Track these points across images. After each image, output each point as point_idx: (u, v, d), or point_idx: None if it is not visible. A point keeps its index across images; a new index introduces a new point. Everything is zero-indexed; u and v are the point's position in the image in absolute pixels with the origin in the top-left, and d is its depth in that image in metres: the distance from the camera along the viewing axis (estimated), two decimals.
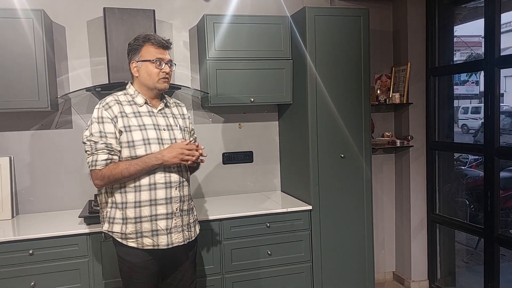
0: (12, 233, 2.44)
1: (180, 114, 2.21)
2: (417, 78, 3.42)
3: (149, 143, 1.99)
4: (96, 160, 1.95)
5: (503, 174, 2.98)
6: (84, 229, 2.42)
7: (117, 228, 2.00)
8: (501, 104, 2.88)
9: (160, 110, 2.10)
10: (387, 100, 3.41)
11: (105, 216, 2.07)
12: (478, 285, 3.12)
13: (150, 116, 2.06)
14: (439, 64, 3.39)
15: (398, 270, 3.67)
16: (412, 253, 3.49)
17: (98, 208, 2.18)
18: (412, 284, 3.50)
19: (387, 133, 3.50)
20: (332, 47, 2.82)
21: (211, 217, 2.63)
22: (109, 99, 2.04)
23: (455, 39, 3.55)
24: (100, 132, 1.96)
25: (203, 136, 3.17)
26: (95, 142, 1.96)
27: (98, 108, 2.01)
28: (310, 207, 2.83)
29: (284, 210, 2.77)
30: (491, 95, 2.84)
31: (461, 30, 3.72)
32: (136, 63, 2.04)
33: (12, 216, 2.75)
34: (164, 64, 2.03)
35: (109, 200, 2.04)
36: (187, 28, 3.12)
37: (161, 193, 1.99)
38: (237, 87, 2.89)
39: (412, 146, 3.42)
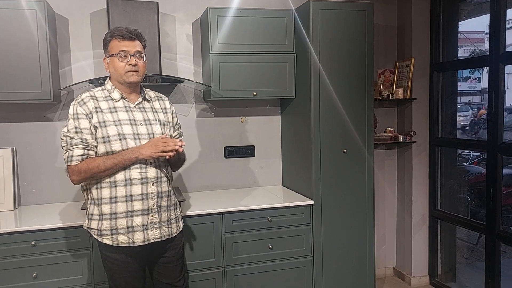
0: (14, 224, 2.45)
1: (161, 108, 2.16)
2: (420, 74, 3.40)
3: (125, 138, 1.97)
4: (72, 156, 1.93)
5: (505, 171, 2.97)
6: None
7: (94, 224, 2.00)
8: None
9: (137, 104, 2.07)
10: (390, 95, 3.40)
11: (86, 212, 2.08)
12: (478, 281, 3.13)
13: (127, 111, 2.03)
14: (443, 59, 3.38)
15: (399, 265, 3.68)
16: (413, 248, 3.50)
17: None
18: (413, 280, 3.51)
19: (389, 129, 3.49)
20: (336, 42, 2.80)
21: (212, 211, 2.63)
22: (84, 95, 2.03)
23: (458, 35, 3.53)
24: (76, 128, 1.95)
25: (205, 129, 3.17)
26: (71, 138, 1.95)
27: (74, 104, 1.99)
28: (311, 202, 2.83)
29: (286, 204, 2.77)
30: (495, 91, 2.83)
31: (464, 26, 3.70)
32: (107, 58, 2.03)
33: (15, 208, 2.76)
34: (130, 57, 1.97)
35: (88, 196, 2.04)
36: (191, 21, 3.10)
37: (137, 189, 1.97)
38: (240, 81, 2.88)
39: (415, 141, 3.41)
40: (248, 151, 3.28)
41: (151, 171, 2.01)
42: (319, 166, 2.84)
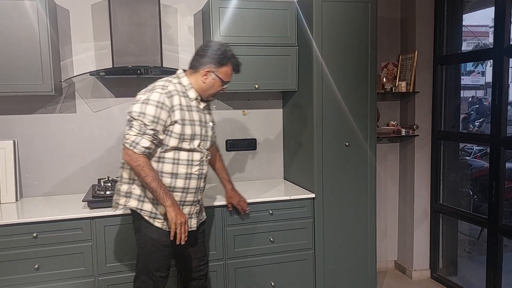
0: (16, 216, 2.45)
1: (208, 109, 2.27)
2: (424, 67, 3.38)
3: (194, 139, 2.09)
4: (138, 143, 1.96)
5: (508, 165, 2.95)
6: (88, 213, 2.42)
7: (147, 207, 2.08)
8: None
9: (204, 107, 2.19)
10: (393, 88, 3.38)
11: (130, 192, 2.10)
12: (480, 275, 3.12)
13: (198, 111, 2.13)
14: (447, 52, 3.35)
15: (400, 259, 3.68)
16: (415, 242, 3.49)
17: (119, 181, 2.15)
18: (414, 273, 3.51)
19: (392, 122, 3.48)
20: (338, 34, 2.78)
21: (214, 203, 2.63)
22: (171, 87, 2.05)
23: (462, 28, 3.50)
24: (154, 117, 1.97)
25: None
26: (145, 125, 1.96)
27: (161, 93, 2.01)
28: (313, 195, 2.82)
29: (287, 197, 2.77)
30: (499, 84, 2.80)
31: (468, 19, 3.67)
32: (211, 73, 2.10)
33: (16, 200, 2.76)
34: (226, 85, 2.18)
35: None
36: (192, 12, 3.08)
37: (193, 183, 2.13)
38: (241, 74, 2.80)
39: (417, 135, 3.40)
40: (249, 145, 3.27)
41: (205, 169, 2.20)
42: (321, 160, 2.82)
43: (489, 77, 2.94)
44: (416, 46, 3.34)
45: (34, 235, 2.33)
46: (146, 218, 2.08)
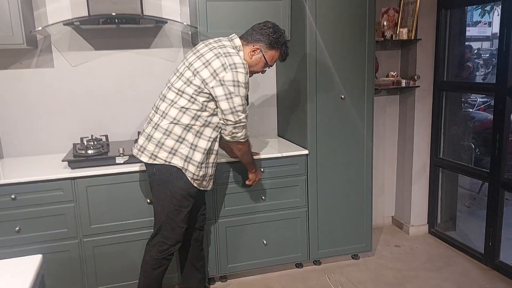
0: None
1: None
2: (427, 12, 3.13)
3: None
4: (246, 134, 2.21)
5: None
6: (69, 173, 2.31)
7: (192, 168, 2.11)
8: None
9: None
10: (394, 36, 3.15)
11: (176, 150, 2.09)
12: (479, 230, 3.05)
13: None
14: None
15: (398, 214, 3.60)
16: (413, 197, 3.40)
17: (160, 133, 2.11)
18: (411, 229, 3.44)
19: (392, 73, 3.28)
20: None
21: None
22: (244, 62, 2.11)
23: None
24: (242, 98, 2.09)
25: None
26: (245, 111, 2.13)
27: (244, 73, 2.06)
28: (306, 152, 2.69)
29: (280, 154, 2.64)
30: (508, 29, 2.59)
31: None
32: (259, 52, 2.16)
33: None
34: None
35: (192, 141, 2.09)
36: None
37: (216, 145, 2.21)
38: (230, 21, 2.64)
39: (418, 86, 3.21)
40: None
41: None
42: (314, 114, 2.67)
43: (496, 28, 2.71)
44: None
45: (13, 196, 2.23)
46: (188, 178, 2.12)
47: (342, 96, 2.70)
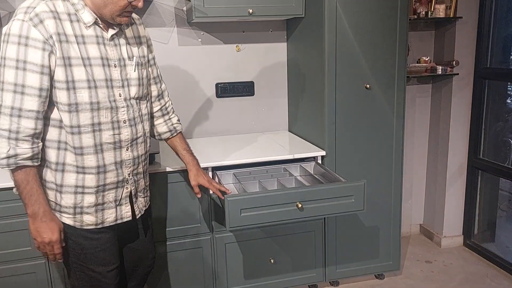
0: None
1: (135, 37, 1.57)
2: None
3: (96, 86, 1.41)
4: (16, 155, 1.32)
5: None
6: None
7: (51, 195, 1.49)
8: None
9: (112, 36, 1.46)
10: (429, 13, 2.66)
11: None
12: None
13: (98, 44, 1.43)
14: None
15: (427, 222, 3.14)
16: (446, 204, 2.94)
17: None
18: (443, 240, 2.98)
19: (424, 58, 2.80)
20: None
21: (200, 164, 2.06)
22: (39, 7, 1.32)
23: None
24: (18, 69, 1.29)
25: (191, 61, 2.56)
26: (19, 110, 1.30)
27: (22, 20, 1.29)
28: (323, 153, 2.26)
29: (291, 156, 2.20)
30: None
31: None
32: None
33: None
34: None
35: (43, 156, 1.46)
36: None
37: (110, 156, 1.48)
38: None
39: (457, 74, 2.73)
40: (246, 89, 2.68)
41: (128, 131, 1.52)
42: (333, 107, 2.23)
43: None
44: None
45: None
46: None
47: (367, 86, 2.25)
